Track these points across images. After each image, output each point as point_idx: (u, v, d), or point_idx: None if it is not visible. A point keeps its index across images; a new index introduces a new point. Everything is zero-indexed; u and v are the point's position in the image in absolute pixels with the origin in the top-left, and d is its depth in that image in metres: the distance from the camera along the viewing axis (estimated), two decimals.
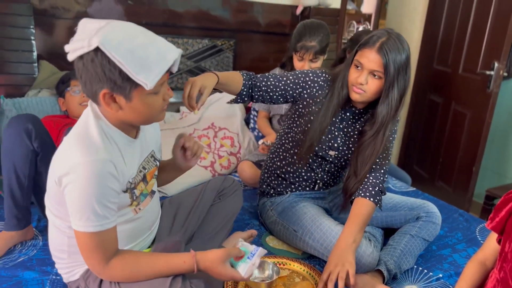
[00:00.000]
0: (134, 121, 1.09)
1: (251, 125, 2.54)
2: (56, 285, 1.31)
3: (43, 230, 1.60)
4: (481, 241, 1.75)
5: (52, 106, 2.00)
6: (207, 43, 2.58)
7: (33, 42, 2.02)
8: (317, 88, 1.54)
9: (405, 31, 3.51)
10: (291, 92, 1.54)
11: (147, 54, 0.97)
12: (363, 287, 1.37)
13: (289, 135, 1.66)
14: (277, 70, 2.35)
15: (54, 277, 1.34)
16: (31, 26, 2.00)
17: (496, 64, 2.50)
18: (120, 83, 0.97)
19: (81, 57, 0.96)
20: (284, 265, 1.47)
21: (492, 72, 2.53)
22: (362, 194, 1.50)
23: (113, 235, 1.07)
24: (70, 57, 0.98)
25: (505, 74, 2.58)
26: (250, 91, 1.49)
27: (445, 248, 1.69)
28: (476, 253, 1.18)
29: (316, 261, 1.56)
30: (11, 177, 1.36)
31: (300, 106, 1.58)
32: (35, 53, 2.04)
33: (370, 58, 1.38)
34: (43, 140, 1.39)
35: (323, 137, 1.57)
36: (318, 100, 1.53)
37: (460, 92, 2.91)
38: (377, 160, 1.52)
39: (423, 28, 3.34)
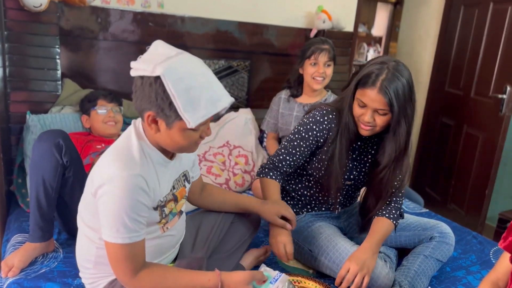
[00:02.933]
0: (167, 146, 1.14)
1: (264, 144, 2.59)
2: None
3: (63, 243, 1.64)
4: (495, 263, 1.74)
5: (74, 122, 2.07)
6: (223, 64, 2.65)
7: (58, 61, 2.10)
8: (326, 131, 1.54)
9: (417, 54, 3.56)
10: (309, 152, 1.59)
11: (200, 96, 1.03)
12: None
13: (305, 169, 1.67)
14: (282, 93, 2.40)
15: None
16: (57, 46, 2.08)
17: (508, 88, 2.53)
18: (167, 112, 1.04)
19: (141, 77, 1.04)
20: (299, 283, 1.48)
21: (504, 96, 2.56)
22: (386, 215, 1.54)
23: (142, 248, 1.11)
24: (133, 73, 1.06)
25: None
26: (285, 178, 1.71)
27: (459, 270, 1.69)
28: (489, 274, 1.19)
29: (331, 280, 1.57)
30: (39, 190, 1.41)
31: (318, 151, 1.60)
32: (59, 72, 2.11)
33: (372, 98, 1.36)
34: (72, 155, 1.45)
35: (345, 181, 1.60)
36: (331, 140, 1.53)
37: (472, 115, 2.93)
38: (396, 184, 1.54)
39: (435, 51, 3.38)
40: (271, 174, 1.60)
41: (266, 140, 2.52)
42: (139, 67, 1.04)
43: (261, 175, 1.62)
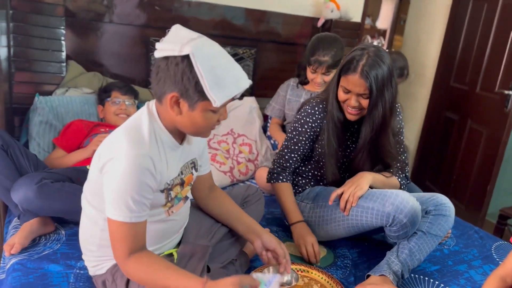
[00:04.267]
0: (185, 129, 1.15)
1: (268, 133, 2.58)
2: (80, 278, 1.34)
3: (65, 225, 1.63)
4: (497, 259, 1.75)
5: (81, 105, 2.06)
6: (229, 51, 2.62)
7: (63, 42, 2.08)
8: (320, 121, 1.65)
9: (423, 47, 3.54)
10: (310, 144, 1.70)
11: (225, 75, 1.05)
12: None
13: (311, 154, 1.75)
14: (291, 81, 2.41)
15: (78, 271, 1.37)
16: (62, 27, 2.06)
17: None
18: (191, 92, 1.04)
19: (166, 57, 1.04)
20: (303, 272, 1.48)
21: (510, 92, 2.55)
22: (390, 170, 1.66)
23: (142, 230, 1.10)
24: (157, 54, 1.05)
25: None
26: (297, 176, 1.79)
27: (461, 264, 1.70)
28: (497, 269, 1.19)
29: (333, 270, 1.57)
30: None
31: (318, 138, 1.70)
32: (64, 53, 2.09)
33: (355, 83, 1.46)
34: (3, 137, 1.58)
35: (342, 153, 1.66)
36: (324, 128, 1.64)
37: (476, 110, 2.93)
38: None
39: (441, 45, 3.36)
40: (281, 178, 1.72)
41: (270, 125, 2.51)
42: (165, 48, 1.03)
43: (272, 181, 1.73)
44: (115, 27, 2.29)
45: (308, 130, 1.66)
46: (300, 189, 1.79)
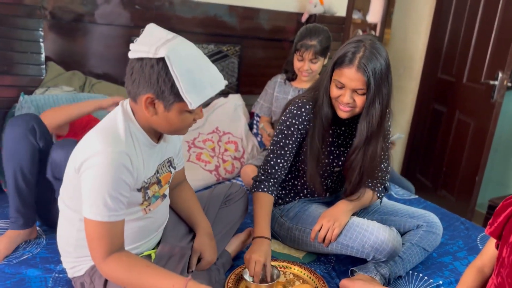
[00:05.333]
0: (161, 129, 1.14)
1: (254, 130, 2.56)
2: (59, 282, 1.33)
3: (47, 230, 1.62)
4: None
5: (68, 103, 2.00)
6: (213, 49, 2.60)
7: (42, 44, 2.05)
8: (307, 122, 1.51)
9: (410, 40, 3.53)
10: (296, 148, 1.56)
11: (201, 77, 1.05)
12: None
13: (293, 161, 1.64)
14: (278, 77, 2.37)
15: (57, 275, 1.36)
16: (40, 29, 2.03)
17: (500, 74, 2.51)
18: (167, 94, 1.04)
19: (141, 59, 1.03)
20: (285, 268, 1.47)
21: (496, 82, 2.54)
22: (369, 184, 1.59)
23: (120, 229, 1.09)
24: (131, 55, 1.04)
25: (509, 84, 2.59)
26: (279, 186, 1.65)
27: (446, 256, 1.70)
28: (475, 260, 1.19)
29: (316, 265, 1.57)
30: (18, 177, 1.37)
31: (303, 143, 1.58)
32: (43, 55, 2.07)
33: (351, 78, 1.33)
34: (46, 138, 1.42)
35: (326, 160, 1.58)
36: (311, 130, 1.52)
37: (464, 102, 2.92)
38: (374, 168, 1.52)
39: (428, 38, 3.35)
40: (262, 187, 1.54)
41: (259, 123, 2.49)
42: (139, 49, 1.02)
43: (253, 190, 1.56)
44: (97, 27, 2.27)
45: (295, 133, 1.52)
46: (280, 201, 1.71)
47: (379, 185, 1.61)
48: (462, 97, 2.94)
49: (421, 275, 1.55)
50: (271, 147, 1.57)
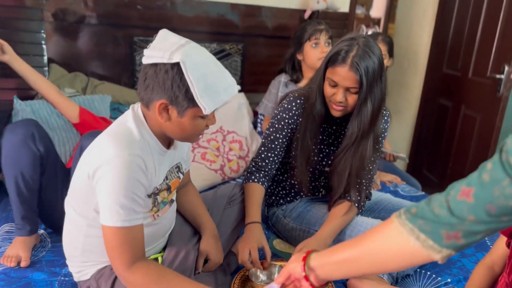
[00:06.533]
0: (174, 135, 1.14)
1: (258, 129, 2.55)
2: (65, 286, 1.32)
3: (51, 233, 1.62)
4: (491, 246, 1.72)
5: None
6: (216, 47, 2.59)
7: (44, 46, 2.05)
8: (297, 117, 1.51)
9: (415, 34, 3.50)
10: (287, 143, 1.55)
11: (215, 83, 1.04)
12: None
13: (288, 159, 1.63)
14: (282, 77, 2.34)
15: (62, 278, 1.35)
16: (42, 31, 2.03)
17: (506, 68, 2.48)
18: (181, 99, 1.03)
19: (155, 64, 1.02)
20: None
21: (502, 76, 2.51)
22: (348, 197, 1.52)
23: (140, 234, 1.08)
24: (145, 61, 1.03)
25: None
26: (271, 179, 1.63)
27: None
28: (484, 258, 1.17)
29: None
30: (20, 184, 1.35)
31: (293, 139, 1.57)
32: (45, 57, 2.07)
33: (344, 76, 1.33)
34: (46, 143, 1.40)
35: (316, 158, 1.55)
36: (300, 126, 1.50)
37: (470, 96, 2.89)
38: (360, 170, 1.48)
39: (433, 32, 3.32)
40: (253, 177, 1.54)
41: (263, 122, 2.48)
42: (153, 55, 1.01)
43: (244, 181, 1.56)
44: (99, 28, 2.27)
45: (285, 127, 1.52)
46: (282, 201, 1.69)
47: (363, 194, 1.53)
48: (467, 92, 2.91)
49: (429, 273, 1.53)
50: (263, 140, 1.57)
